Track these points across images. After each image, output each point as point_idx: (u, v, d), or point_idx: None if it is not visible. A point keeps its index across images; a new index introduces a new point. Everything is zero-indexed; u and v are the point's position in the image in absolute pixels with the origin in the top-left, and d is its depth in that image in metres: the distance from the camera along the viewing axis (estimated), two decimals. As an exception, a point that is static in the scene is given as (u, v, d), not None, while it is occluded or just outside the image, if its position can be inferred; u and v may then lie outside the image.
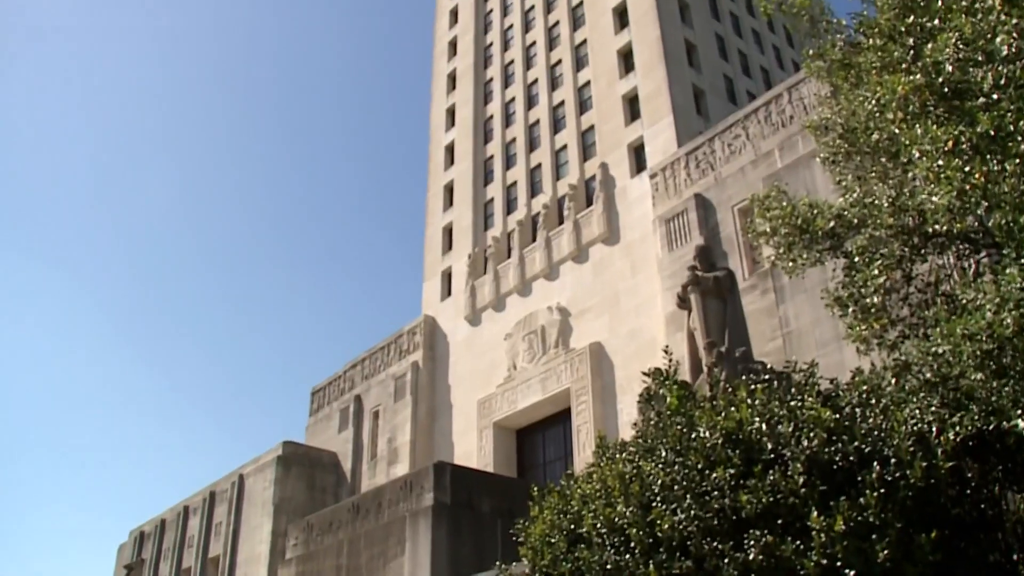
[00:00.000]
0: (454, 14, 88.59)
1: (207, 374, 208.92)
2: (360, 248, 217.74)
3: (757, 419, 15.28)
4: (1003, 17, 13.51)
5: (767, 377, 19.17)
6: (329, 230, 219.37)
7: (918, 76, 14.37)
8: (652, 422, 17.90)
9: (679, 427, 16.18)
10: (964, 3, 14.27)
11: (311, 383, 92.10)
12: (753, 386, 16.81)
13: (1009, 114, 13.49)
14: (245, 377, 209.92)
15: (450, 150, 79.72)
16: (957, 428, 14.56)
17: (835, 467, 14.21)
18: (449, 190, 77.60)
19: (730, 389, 17.14)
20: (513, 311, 64.47)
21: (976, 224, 17.02)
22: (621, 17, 68.24)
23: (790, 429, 14.91)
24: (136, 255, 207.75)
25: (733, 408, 15.71)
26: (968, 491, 14.91)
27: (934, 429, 14.77)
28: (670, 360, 19.84)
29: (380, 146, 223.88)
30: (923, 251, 18.10)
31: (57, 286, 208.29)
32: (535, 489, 19.59)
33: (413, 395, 68.97)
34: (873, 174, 18.78)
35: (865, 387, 16.37)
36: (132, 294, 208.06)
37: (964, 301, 14.85)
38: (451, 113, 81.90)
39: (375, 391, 73.54)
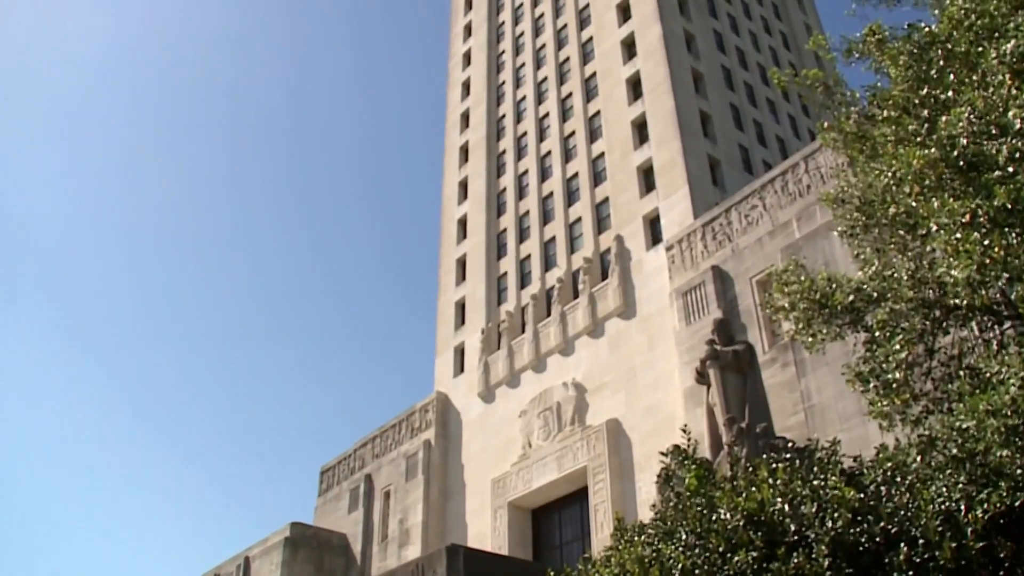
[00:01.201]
0: (466, 86, 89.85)
1: (213, 450, 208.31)
2: (371, 323, 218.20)
3: (779, 500, 15.19)
4: (1014, 91, 13.75)
5: (788, 455, 19.10)
6: (339, 305, 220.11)
7: (933, 150, 14.59)
8: (671, 503, 17.84)
9: (699, 508, 16.11)
10: (975, 77, 14.52)
11: (320, 462, 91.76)
12: (774, 465, 16.77)
13: (1026, 187, 13.66)
14: (252, 455, 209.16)
15: (463, 223, 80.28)
16: (986, 505, 14.42)
17: (861, 549, 14.07)
18: (462, 264, 77.98)
19: (751, 468, 17.11)
20: (528, 387, 64.32)
21: (998, 295, 17.09)
22: (635, 88, 69.11)
23: (813, 509, 14.82)
24: (145, 326, 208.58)
25: (754, 488, 15.64)
26: (1001, 572, 14.74)
27: (962, 507, 14.63)
28: (689, 438, 19.81)
29: (391, 220, 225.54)
30: (945, 324, 18.14)
31: (62, 355, 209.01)
32: (551, 573, 19.46)
33: (425, 474, 68.58)
34: (892, 246, 18.91)
35: (890, 464, 16.28)
36: (138, 365, 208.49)
37: (988, 375, 14.85)
38: (463, 186, 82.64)
39: (386, 470, 73.16)
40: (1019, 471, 14.05)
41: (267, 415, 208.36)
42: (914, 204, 15.94)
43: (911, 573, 13.45)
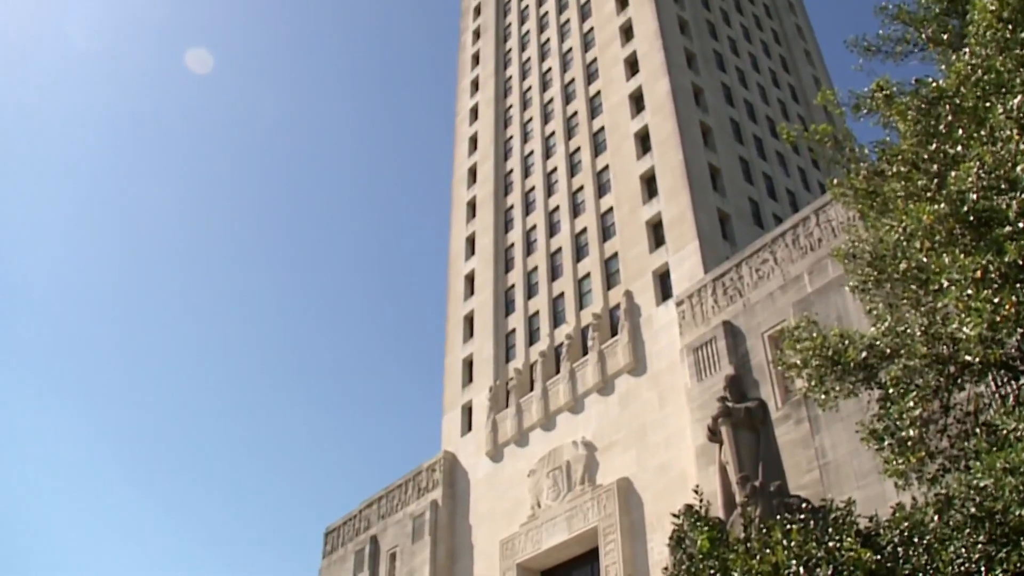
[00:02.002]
0: (473, 141, 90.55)
1: (215, 511, 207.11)
2: (377, 381, 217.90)
3: (794, 562, 15.11)
4: (1022, 147, 13.90)
5: (803, 516, 19.00)
6: (345, 362, 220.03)
7: (943, 205, 14.73)
8: (684, 565, 17.76)
9: (712, 571, 16.03)
10: (983, 132, 14.67)
11: (324, 523, 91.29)
12: (789, 526, 16.68)
13: (1035, 243, 13.74)
14: (255, 516, 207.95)
15: (470, 279, 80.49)
16: (1006, 565, 14.34)
17: (878, 611, 13.98)
18: (469, 321, 78.05)
19: (765, 529, 17.02)
20: (537, 446, 64.06)
21: (1014, 350, 17.09)
22: (643, 142, 69.60)
23: (829, 572, 14.74)
24: (146, 384, 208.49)
25: (768, 550, 15.57)
26: (1022, 633, 14.60)
27: (982, 568, 14.56)
28: (701, 499, 19.73)
29: (398, 276, 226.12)
30: (960, 380, 18.13)
31: (60, 418, 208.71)
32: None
33: (432, 535, 68.12)
34: (904, 301, 18.95)
35: (907, 524, 16.21)
36: (139, 425, 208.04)
37: (1005, 431, 14.83)
38: (471, 242, 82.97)
39: (392, 531, 72.71)
40: (1039, 530, 13.99)
41: (270, 475, 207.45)
42: (925, 260, 16.05)
43: (930, 636, 13.32)
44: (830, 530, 16.38)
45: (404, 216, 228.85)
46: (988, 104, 15.66)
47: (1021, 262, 13.62)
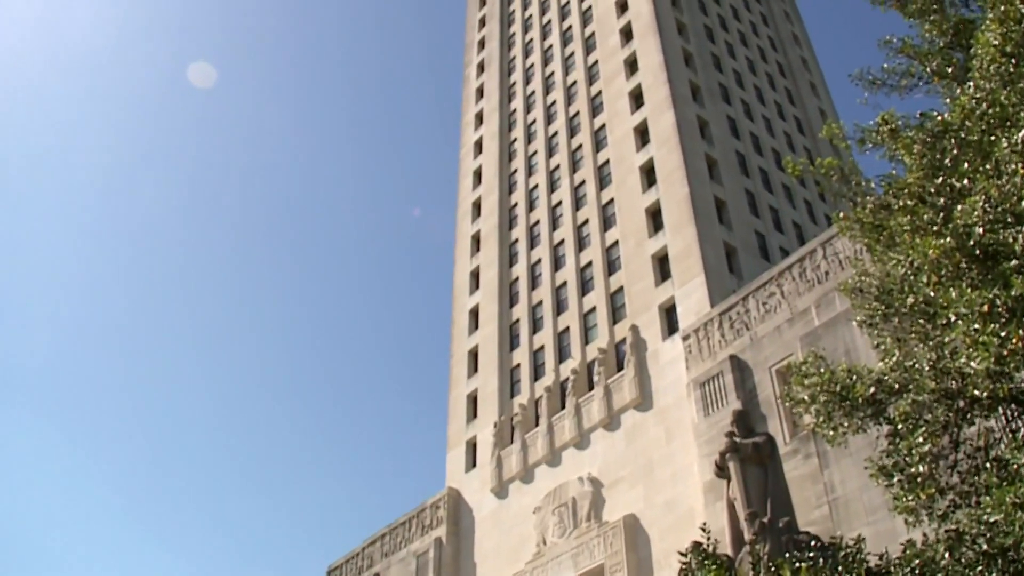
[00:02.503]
0: (478, 175, 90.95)
1: (216, 548, 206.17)
2: (379, 417, 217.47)
3: (802, 600, 15.06)
4: (1026, 180, 14.00)
5: (812, 554, 18.93)
6: (348, 398, 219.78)
7: (949, 239, 14.81)
8: (692, 603, 17.67)
9: (721, 609, 15.97)
10: (989, 166, 14.78)
11: (327, 561, 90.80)
12: (798, 564, 16.63)
13: (1042, 277, 13.79)
14: (257, 552, 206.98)
15: (474, 314, 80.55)
16: (1020, 602, 14.29)
17: (888, 651, 13.92)
18: (473, 355, 78.02)
19: (773, 567, 16.98)
20: (542, 482, 63.87)
21: (1023, 384, 17.09)
22: (648, 175, 69.86)
23: (838, 610, 14.68)
24: (148, 423, 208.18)
25: (777, 588, 15.51)
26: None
27: (996, 606, 14.49)
28: (708, 536, 19.68)
29: (401, 312, 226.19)
30: (969, 415, 18.11)
31: (60, 450, 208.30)
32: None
33: (436, 573, 67.80)
34: (912, 335, 18.98)
35: (918, 561, 16.17)
36: (139, 461, 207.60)
37: (1016, 466, 14.83)
38: (475, 276, 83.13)
39: (395, 569, 72.36)
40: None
41: (272, 512, 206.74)
42: (932, 294, 16.12)
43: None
44: (840, 568, 16.34)
45: (408, 250, 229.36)
46: (993, 138, 15.79)
47: (1028, 296, 13.68)
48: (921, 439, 17.92)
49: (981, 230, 14.72)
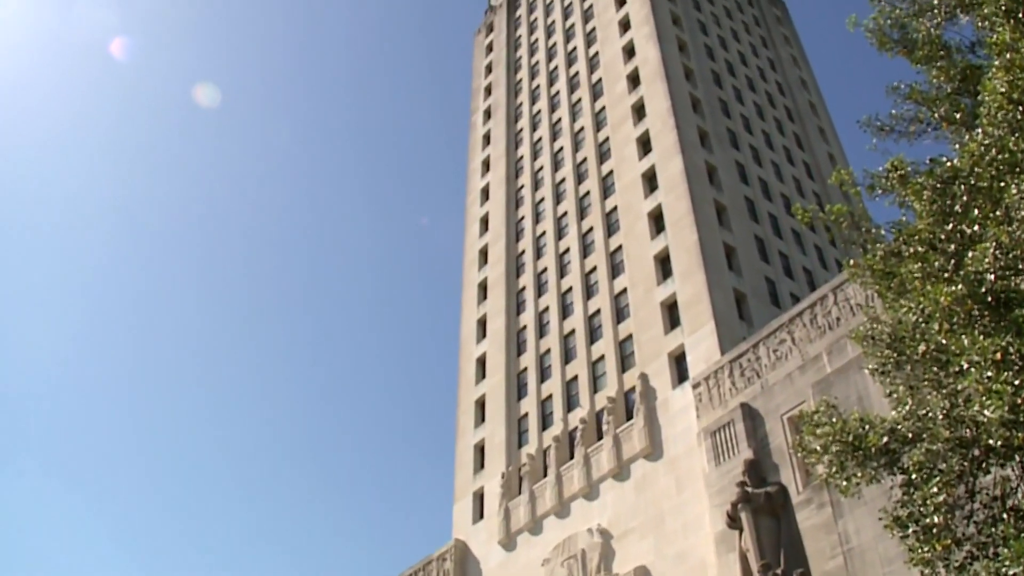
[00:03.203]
0: (485, 222, 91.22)
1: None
2: (386, 469, 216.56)
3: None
4: (1035, 227, 14.05)
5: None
6: (353, 449, 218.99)
7: (960, 286, 14.86)
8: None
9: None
10: (999, 212, 14.84)
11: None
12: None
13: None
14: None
15: (481, 363, 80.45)
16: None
17: None
18: (481, 405, 77.84)
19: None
20: (551, 534, 63.47)
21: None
22: (657, 222, 70.05)
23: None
24: (154, 476, 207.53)
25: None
26: None
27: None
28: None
29: (407, 361, 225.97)
30: (985, 464, 18.03)
31: (66, 505, 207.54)
32: None
33: (444, 628, 67.32)
34: (925, 383, 18.94)
35: (935, 614, 16.02)
36: (144, 513, 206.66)
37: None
38: (482, 324, 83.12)
39: (403, 624, 71.84)
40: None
41: (277, 565, 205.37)
42: (944, 342, 16.12)
43: None
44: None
45: (415, 300, 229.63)
46: (1003, 184, 15.89)
47: (1041, 344, 13.68)
48: (936, 489, 17.83)
49: (993, 277, 14.76)
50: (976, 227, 15.86)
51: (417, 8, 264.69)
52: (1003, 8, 17.08)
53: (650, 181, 73.56)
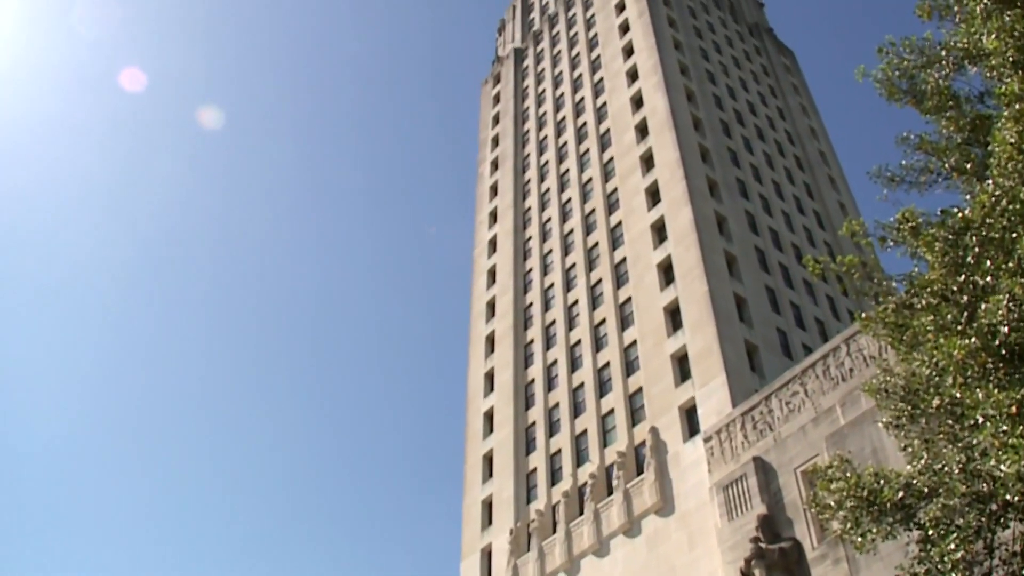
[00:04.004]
0: (492, 274, 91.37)
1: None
2: (392, 525, 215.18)
3: None
4: (1050, 278, 14.08)
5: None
6: (356, 504, 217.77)
7: (974, 339, 14.87)
8: None
9: None
10: (1011, 264, 14.89)
11: None
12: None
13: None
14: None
15: (489, 417, 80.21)
16: None
17: None
18: (488, 460, 77.50)
19: None
20: (561, 592, 62.98)
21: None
22: (666, 273, 70.12)
23: None
24: (163, 541, 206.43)
25: None
26: None
27: None
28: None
29: (414, 416, 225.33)
30: (1003, 519, 17.93)
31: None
32: None
33: None
34: (940, 436, 18.89)
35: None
36: (157, 568, 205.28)
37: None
38: (490, 377, 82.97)
39: None
40: None
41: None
42: (959, 395, 16.11)
43: None
44: None
45: (420, 352, 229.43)
46: (1015, 235, 15.95)
47: (1057, 397, 13.66)
48: (953, 545, 17.73)
49: (1006, 329, 14.78)
50: (989, 278, 15.91)
51: (425, 56, 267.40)
52: (1010, 59, 17.25)
53: (659, 232, 73.75)
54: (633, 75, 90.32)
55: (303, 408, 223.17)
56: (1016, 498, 15.98)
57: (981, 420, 15.09)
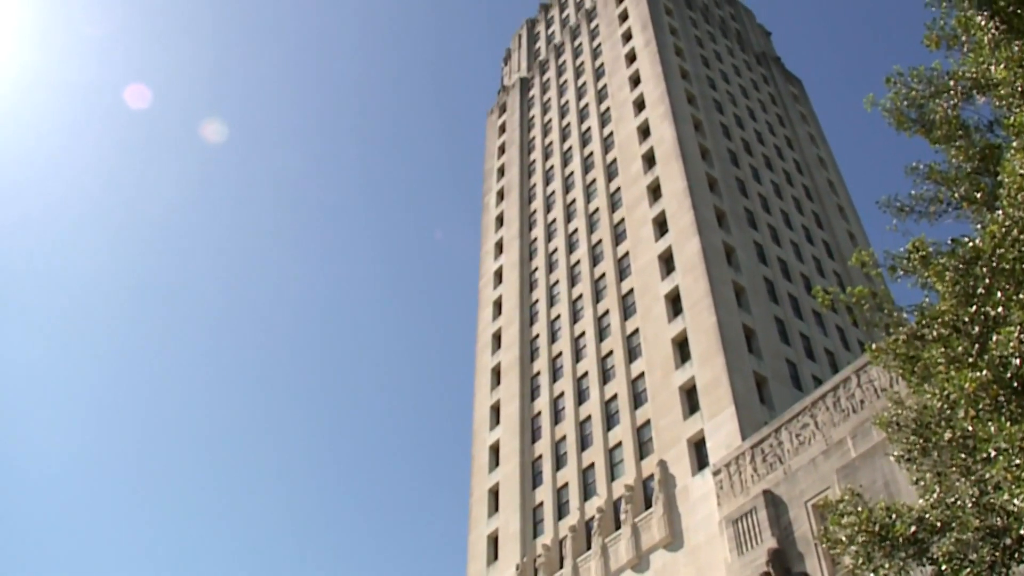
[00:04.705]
0: (498, 305, 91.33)
1: None
2: (395, 561, 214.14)
3: None
4: (1061, 309, 14.07)
5: None
6: (359, 540, 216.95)
7: (985, 372, 14.83)
8: None
9: None
10: (1022, 295, 14.87)
11: None
12: None
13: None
14: None
15: (495, 450, 79.97)
16: None
17: None
18: (494, 494, 77.22)
19: None
20: (569, 628, 62.60)
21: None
22: (674, 304, 70.07)
23: None
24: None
25: None
26: None
27: None
28: None
29: (419, 448, 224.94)
30: (1017, 554, 17.83)
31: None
32: None
33: None
34: (953, 470, 18.83)
35: None
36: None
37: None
38: (495, 410, 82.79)
39: None
40: None
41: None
42: (971, 428, 16.06)
43: None
44: None
45: (425, 384, 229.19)
46: (1025, 266, 15.96)
47: (1069, 430, 13.62)
48: (967, 581, 17.62)
49: (1018, 361, 14.76)
50: (1000, 309, 15.90)
51: (431, 84, 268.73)
52: (1019, 89, 17.32)
53: (667, 262, 73.76)
54: (640, 104, 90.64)
55: (304, 440, 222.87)
56: (1029, 531, 15.91)
57: (994, 453, 15.04)
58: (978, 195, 20.05)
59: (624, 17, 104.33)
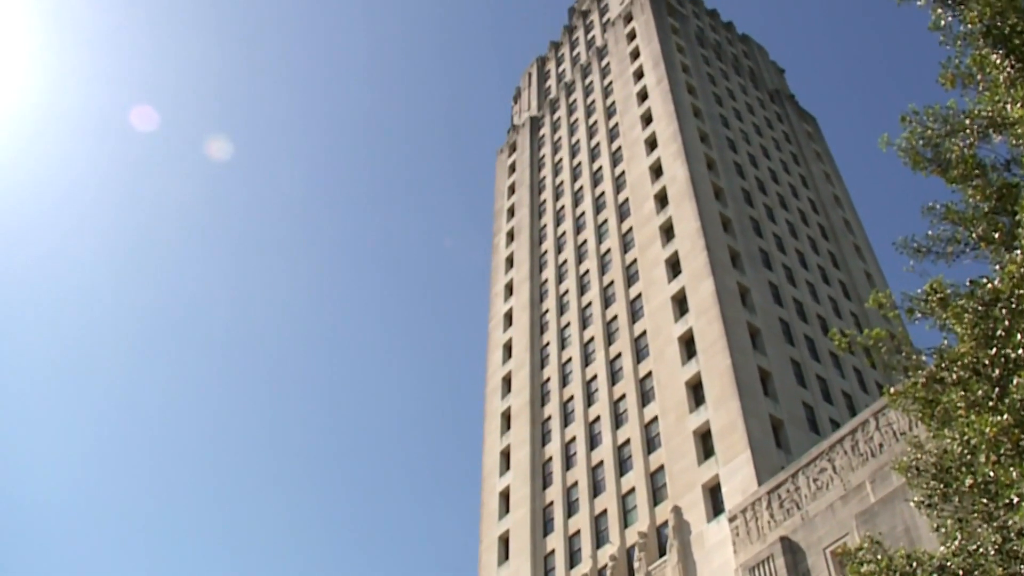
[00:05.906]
0: (508, 348, 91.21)
1: None
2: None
3: None
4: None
5: None
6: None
7: (1006, 416, 14.78)
8: None
9: None
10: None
11: None
12: None
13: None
14: None
15: (505, 496, 79.62)
16: None
17: None
18: (504, 541, 76.81)
19: None
20: None
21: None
22: (688, 347, 69.92)
23: None
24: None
25: None
26: None
27: None
28: None
29: (428, 496, 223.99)
30: (1042, 603, 17.70)
31: None
32: None
33: None
34: (975, 516, 18.71)
35: None
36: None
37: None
38: (506, 455, 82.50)
39: None
40: None
41: None
42: (992, 473, 15.99)
43: None
44: None
45: (435, 430, 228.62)
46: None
47: (1092, 476, 13.56)
48: (992, 633, 17.49)
49: (1038, 405, 14.72)
50: (1020, 351, 15.87)
51: (440, 123, 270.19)
52: (1036, 128, 17.37)
53: (680, 304, 73.68)
54: (652, 143, 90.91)
55: (313, 492, 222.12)
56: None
57: (1016, 499, 14.98)
58: (996, 235, 20.04)
59: (636, 55, 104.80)
